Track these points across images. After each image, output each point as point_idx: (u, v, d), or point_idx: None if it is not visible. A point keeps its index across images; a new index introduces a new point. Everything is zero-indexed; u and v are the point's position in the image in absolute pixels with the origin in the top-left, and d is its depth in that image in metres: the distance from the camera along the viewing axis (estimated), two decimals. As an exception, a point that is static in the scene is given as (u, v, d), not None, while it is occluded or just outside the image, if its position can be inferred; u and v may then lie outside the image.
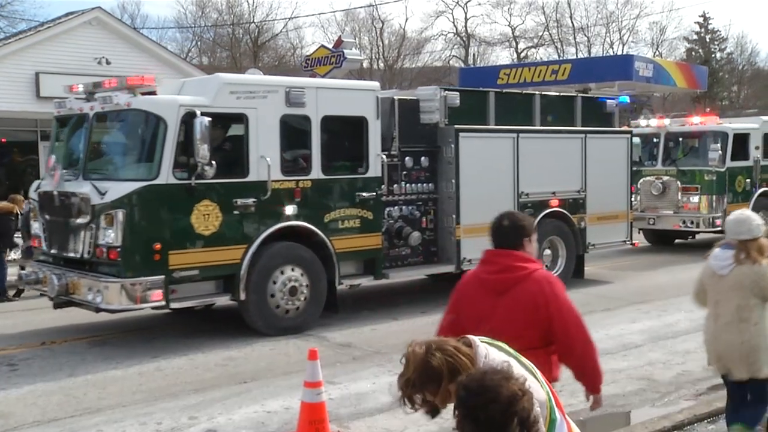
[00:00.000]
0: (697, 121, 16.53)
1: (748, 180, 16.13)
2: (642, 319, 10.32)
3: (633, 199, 15.50)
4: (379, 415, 6.59)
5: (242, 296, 9.32)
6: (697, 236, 17.79)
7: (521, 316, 3.85)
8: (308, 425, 5.57)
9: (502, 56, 62.83)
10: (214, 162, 8.79)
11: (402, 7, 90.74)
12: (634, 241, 13.61)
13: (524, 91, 12.85)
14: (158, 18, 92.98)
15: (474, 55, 61.34)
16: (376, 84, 10.66)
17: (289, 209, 9.68)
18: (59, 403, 7.23)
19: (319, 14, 69.99)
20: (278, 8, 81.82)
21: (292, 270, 9.76)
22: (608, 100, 13.29)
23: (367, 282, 10.68)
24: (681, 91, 33.62)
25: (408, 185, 11.05)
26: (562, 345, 3.91)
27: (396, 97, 11.01)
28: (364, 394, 7.21)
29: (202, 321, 10.71)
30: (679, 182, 15.88)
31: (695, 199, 15.73)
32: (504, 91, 12.76)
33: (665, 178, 16.05)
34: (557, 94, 13.32)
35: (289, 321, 9.74)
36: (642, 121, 16.80)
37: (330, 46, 15.03)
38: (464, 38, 61.67)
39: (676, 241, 17.66)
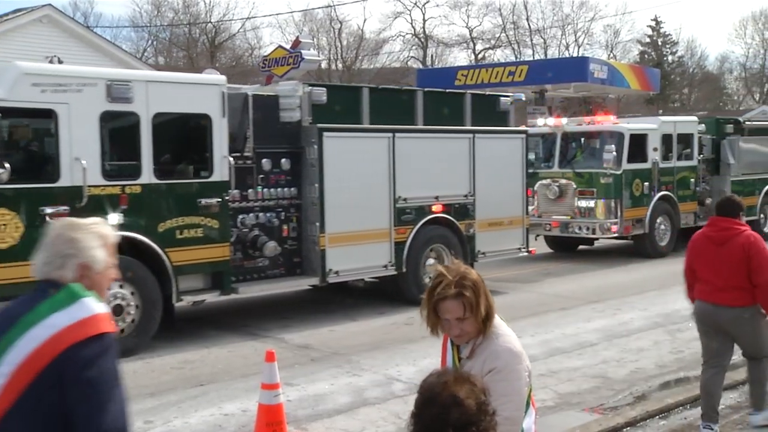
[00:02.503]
0: (598, 120, 15.16)
1: (646, 183, 14.72)
2: (597, 318, 10.11)
3: (531, 203, 14.30)
4: (338, 416, 6.48)
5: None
6: (596, 243, 16.58)
7: (734, 260, 5.49)
8: (265, 427, 5.41)
9: (460, 57, 61.89)
10: (7, 165, 7.42)
11: (360, 7, 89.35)
12: (530, 249, 12.28)
13: (404, 87, 11.52)
14: (112, 17, 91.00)
15: (432, 56, 60.26)
16: (221, 78, 9.27)
17: (114, 218, 8.27)
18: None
19: (277, 15, 68.48)
20: (235, 8, 79.88)
21: (121, 287, 8.37)
22: (501, 98, 12.00)
23: (212, 298, 9.31)
24: (635, 92, 32.95)
25: (265, 190, 9.69)
26: (755, 277, 5.43)
27: (250, 93, 9.65)
28: (322, 396, 7.03)
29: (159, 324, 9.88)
30: (575, 185, 14.58)
31: (591, 203, 14.41)
32: (380, 87, 11.44)
33: (562, 181, 14.70)
34: (442, 90, 12.01)
35: (112, 344, 8.34)
36: (539, 121, 15.46)
37: (288, 46, 14.22)
38: (422, 39, 60.52)
39: (580, 247, 16.33)
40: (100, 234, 2.58)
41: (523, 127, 12.96)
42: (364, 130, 10.37)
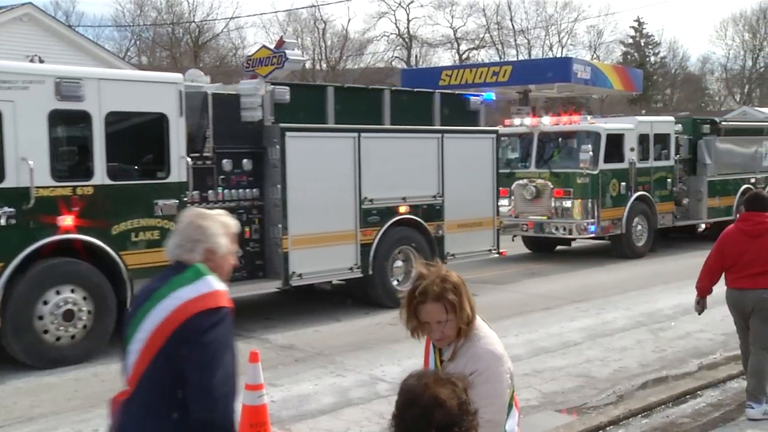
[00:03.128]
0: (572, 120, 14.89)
1: (623, 183, 14.46)
2: (581, 318, 10.03)
3: (507, 203, 14.05)
4: (322, 416, 6.41)
5: (-1, 323, 7.59)
6: (574, 243, 16.34)
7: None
8: (249, 428, 5.29)
9: (444, 58, 61.74)
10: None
11: (344, 7, 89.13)
12: (501, 250, 12.00)
13: (370, 86, 11.24)
14: (95, 16, 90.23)
15: (416, 56, 60.04)
16: (178, 76, 8.94)
17: (64, 220, 7.95)
18: (-14, 412, 6.59)
19: (261, 14, 67.86)
20: (219, 8, 79.40)
21: (72, 291, 8.05)
22: (471, 97, 11.72)
23: (170, 302, 8.98)
24: (618, 93, 32.85)
25: (226, 191, 9.37)
26: None
27: (210, 92, 9.33)
28: (306, 396, 6.94)
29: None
30: (552, 186, 14.29)
31: (568, 203, 14.11)
32: (346, 86, 11.16)
33: (539, 181, 14.42)
34: (410, 90, 11.73)
35: (62, 350, 8.00)
36: (516, 120, 15.19)
37: (272, 46, 14.04)
38: (406, 39, 60.29)
39: (558, 248, 16.04)
40: (224, 223, 2.96)
41: (494, 127, 12.67)
42: (329, 130, 10.07)
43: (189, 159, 8.79)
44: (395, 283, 10.77)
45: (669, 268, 14.14)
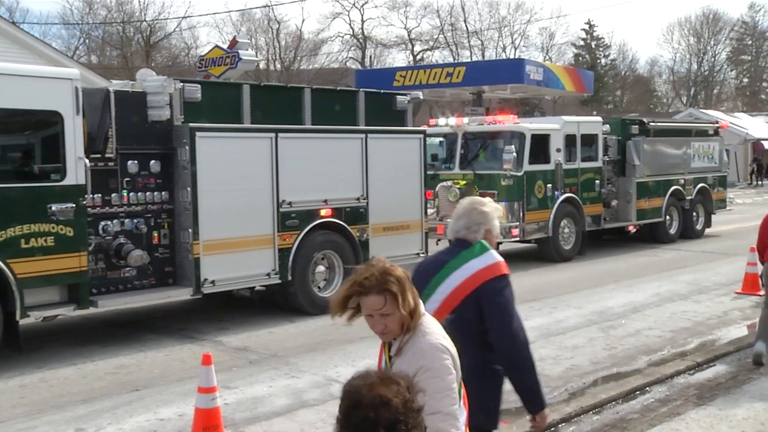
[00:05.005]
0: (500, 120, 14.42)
1: (549, 185, 13.97)
2: (533, 317, 9.80)
3: (430, 205, 13.62)
4: (276, 418, 6.31)
5: None
6: (500, 246, 15.94)
7: None
8: (202, 431, 5.29)
9: (399, 59, 61.58)
10: None
11: (298, 8, 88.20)
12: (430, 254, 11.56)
13: (290, 85, 10.71)
14: (41, 13, 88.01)
15: (371, 57, 59.69)
16: (74, 72, 8.30)
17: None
18: None
19: (214, 14, 66.89)
20: (171, 7, 78.12)
21: (-46, 302, 7.40)
22: (398, 97, 11.26)
23: (67, 312, 8.37)
24: (569, 94, 32.87)
25: (132, 194, 8.76)
26: None
27: (112, 89, 8.72)
28: (260, 398, 6.81)
29: (94, 328, 9.58)
30: (477, 187, 13.78)
31: None
32: (263, 84, 10.61)
33: (463, 183, 13.94)
34: (333, 88, 11.23)
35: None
36: (440, 120, 14.73)
37: (225, 46, 13.59)
38: (361, 40, 59.92)
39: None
40: (497, 208, 3.72)
41: (421, 127, 12.22)
42: (243, 130, 9.51)
43: (87, 160, 8.18)
44: (317, 289, 10.27)
45: (620, 267, 13.99)
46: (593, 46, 64.88)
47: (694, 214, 17.98)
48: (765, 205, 27.29)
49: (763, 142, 45.72)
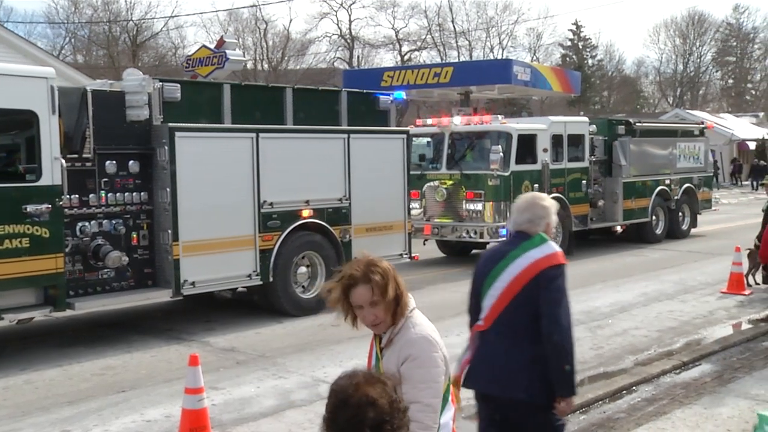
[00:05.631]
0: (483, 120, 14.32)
1: (536, 185, 13.81)
2: None
3: (417, 206, 13.52)
4: (263, 419, 6.28)
5: None
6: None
7: None
8: None
9: (386, 59, 61.39)
10: None
11: (286, 8, 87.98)
12: (413, 255, 11.45)
13: (271, 84, 10.57)
14: (25, 12, 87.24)
15: (358, 57, 59.49)
16: (49, 70, 8.13)
17: None
18: None
19: (201, 14, 66.49)
20: (158, 6, 77.51)
21: (-75, 305, 7.24)
22: (381, 96, 11.15)
23: (42, 315, 8.22)
24: (557, 95, 32.78)
25: (110, 195, 8.61)
26: None
27: (89, 89, 8.56)
28: (248, 399, 6.77)
29: (80, 329, 9.47)
30: (464, 188, 13.67)
31: (479, 206, 13.59)
32: (244, 83, 10.46)
33: (450, 183, 13.86)
34: (315, 88, 11.11)
35: None
36: (427, 120, 14.60)
37: (212, 46, 13.45)
38: (348, 40, 59.71)
39: (474, 251, 15.33)
40: (555, 204, 3.97)
41: (405, 127, 12.11)
42: (224, 130, 9.37)
43: (64, 161, 8.02)
44: (299, 290, 10.15)
45: (607, 267, 13.94)
46: (580, 47, 64.99)
47: (680, 214, 17.98)
48: (750, 206, 27.41)
49: (747, 142, 45.92)
